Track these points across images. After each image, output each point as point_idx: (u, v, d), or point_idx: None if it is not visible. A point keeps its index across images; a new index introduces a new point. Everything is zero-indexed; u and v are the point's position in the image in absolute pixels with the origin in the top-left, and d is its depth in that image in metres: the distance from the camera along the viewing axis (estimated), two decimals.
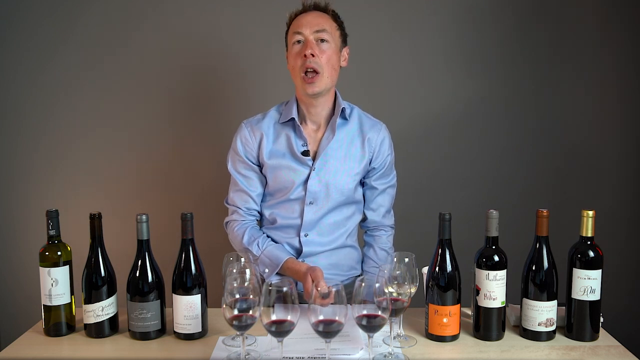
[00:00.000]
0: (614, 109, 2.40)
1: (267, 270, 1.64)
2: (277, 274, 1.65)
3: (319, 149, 1.67)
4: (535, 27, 2.36)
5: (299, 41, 1.62)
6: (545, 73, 2.38)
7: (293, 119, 1.66)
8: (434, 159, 2.43)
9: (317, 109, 1.67)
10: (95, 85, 2.36)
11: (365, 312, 1.17)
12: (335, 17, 1.67)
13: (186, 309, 1.36)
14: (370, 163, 1.71)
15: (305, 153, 1.66)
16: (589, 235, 1.35)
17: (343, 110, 1.68)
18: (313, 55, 1.58)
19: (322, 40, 1.61)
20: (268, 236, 1.72)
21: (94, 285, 1.38)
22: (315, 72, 1.59)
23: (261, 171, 1.71)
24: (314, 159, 1.67)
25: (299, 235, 1.69)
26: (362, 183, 1.75)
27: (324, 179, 1.66)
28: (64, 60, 2.35)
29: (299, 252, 1.70)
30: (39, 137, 2.39)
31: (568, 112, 2.40)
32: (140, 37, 2.34)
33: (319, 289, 1.21)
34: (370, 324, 1.17)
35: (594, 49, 2.36)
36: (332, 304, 1.15)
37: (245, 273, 1.27)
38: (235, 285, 1.22)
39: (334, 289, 1.15)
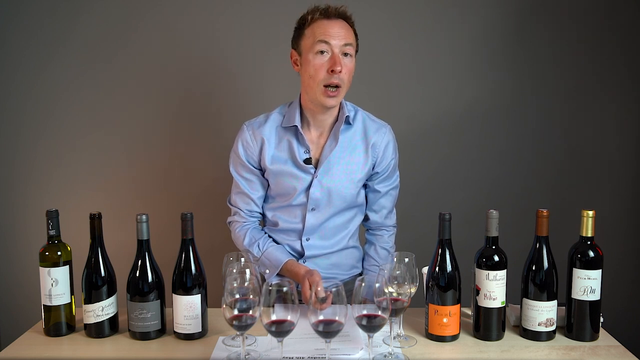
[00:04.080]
0: (614, 109, 2.40)
1: (268, 271, 1.64)
2: (277, 275, 1.65)
3: (321, 157, 1.64)
4: (535, 28, 2.36)
5: (323, 51, 1.53)
6: (545, 74, 2.38)
7: (296, 125, 1.63)
8: (434, 159, 2.43)
9: (325, 116, 1.63)
10: (95, 85, 2.36)
11: (365, 312, 1.17)
12: (354, 28, 1.61)
13: (186, 309, 1.36)
14: (373, 168, 1.69)
15: (308, 161, 1.63)
16: (589, 235, 1.35)
17: (347, 116, 1.65)
18: (341, 72, 1.53)
19: (346, 54, 1.55)
20: (270, 237, 1.72)
21: (94, 285, 1.38)
22: (338, 87, 1.55)
23: (263, 175, 1.69)
24: (316, 166, 1.64)
25: (300, 239, 1.69)
26: (364, 185, 1.73)
27: (326, 186, 1.64)
28: (64, 60, 2.34)
29: (300, 254, 1.70)
30: (39, 137, 2.39)
31: (568, 112, 2.40)
32: (139, 38, 2.34)
33: (318, 289, 1.21)
34: (370, 324, 1.17)
35: (594, 49, 2.36)
36: (332, 303, 1.15)
37: (245, 273, 1.27)
38: (235, 285, 1.22)
39: (332, 289, 1.15)
